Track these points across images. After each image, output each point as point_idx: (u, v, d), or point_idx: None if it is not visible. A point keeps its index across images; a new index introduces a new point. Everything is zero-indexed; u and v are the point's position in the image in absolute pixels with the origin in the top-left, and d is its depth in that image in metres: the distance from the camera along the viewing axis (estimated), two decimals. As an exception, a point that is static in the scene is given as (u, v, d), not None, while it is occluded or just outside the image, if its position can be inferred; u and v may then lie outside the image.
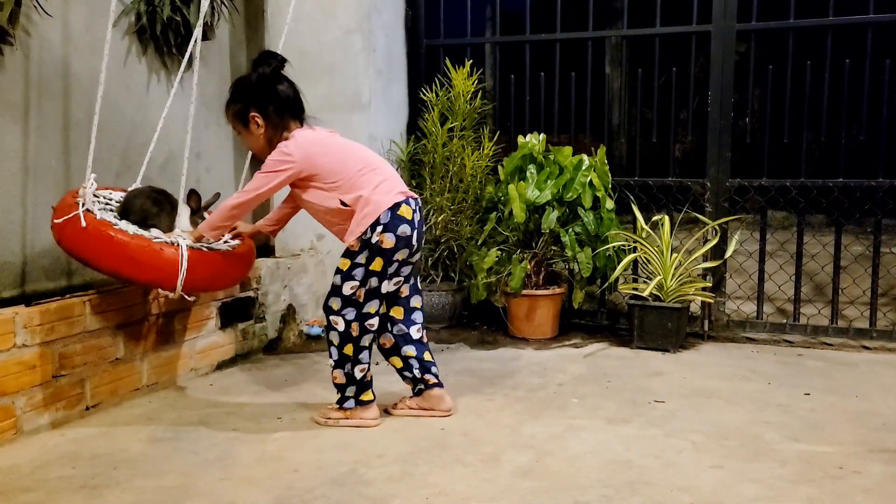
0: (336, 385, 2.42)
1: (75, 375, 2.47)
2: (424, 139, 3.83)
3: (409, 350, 2.46)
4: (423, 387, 2.50)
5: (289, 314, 3.51)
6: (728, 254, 3.54)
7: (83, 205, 2.36)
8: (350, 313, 2.35)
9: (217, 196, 2.72)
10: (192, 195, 2.57)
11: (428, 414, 2.50)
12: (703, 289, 3.46)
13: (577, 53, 3.87)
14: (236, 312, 3.18)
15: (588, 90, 3.79)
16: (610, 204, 3.56)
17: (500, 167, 3.69)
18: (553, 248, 3.61)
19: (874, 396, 2.71)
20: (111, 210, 2.53)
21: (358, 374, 2.39)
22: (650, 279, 3.43)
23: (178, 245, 2.35)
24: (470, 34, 4.04)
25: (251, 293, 3.26)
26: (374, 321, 2.38)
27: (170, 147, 3.39)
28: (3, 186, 2.63)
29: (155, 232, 2.46)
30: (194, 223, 2.52)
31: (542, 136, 3.64)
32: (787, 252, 3.73)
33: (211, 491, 1.95)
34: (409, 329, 2.46)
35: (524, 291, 3.55)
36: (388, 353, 2.51)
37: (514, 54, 3.98)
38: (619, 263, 3.47)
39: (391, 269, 2.34)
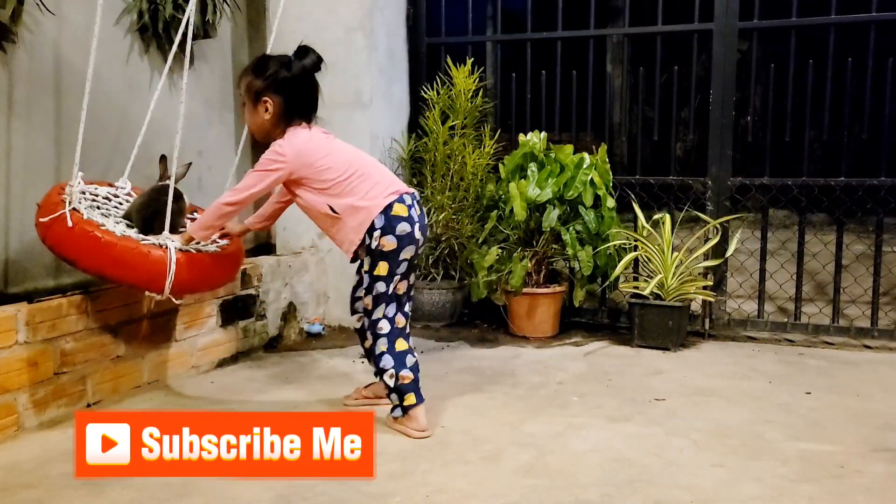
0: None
1: (77, 373, 2.47)
2: (426, 137, 3.83)
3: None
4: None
5: (290, 312, 3.51)
6: (729, 252, 3.53)
7: (69, 203, 2.30)
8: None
9: (188, 167, 2.67)
10: (162, 160, 2.57)
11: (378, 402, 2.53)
12: (704, 287, 3.45)
13: (578, 51, 3.87)
14: (237, 310, 3.18)
15: (589, 88, 3.78)
16: (611, 202, 3.56)
17: (501, 165, 3.69)
18: (554, 246, 3.61)
19: (876, 396, 2.71)
20: (98, 207, 2.48)
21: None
22: (651, 278, 3.43)
23: (166, 247, 2.32)
24: (471, 32, 4.03)
25: (252, 291, 3.26)
26: (385, 324, 2.35)
27: (171, 145, 3.39)
28: (6, 184, 2.63)
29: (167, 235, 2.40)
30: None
31: (544, 134, 3.63)
32: (788, 251, 3.72)
33: (212, 488, 1.95)
34: None
35: (525, 290, 3.55)
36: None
37: (515, 52, 3.98)
38: (619, 262, 3.47)
39: (399, 270, 2.34)
